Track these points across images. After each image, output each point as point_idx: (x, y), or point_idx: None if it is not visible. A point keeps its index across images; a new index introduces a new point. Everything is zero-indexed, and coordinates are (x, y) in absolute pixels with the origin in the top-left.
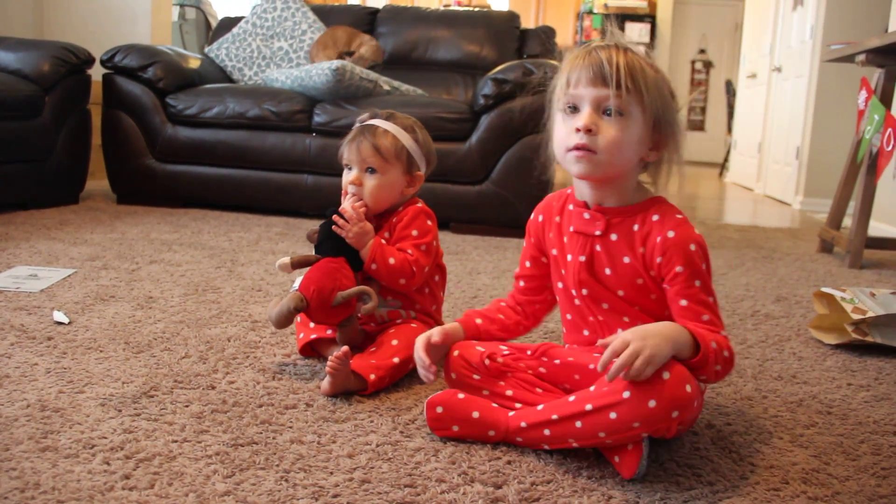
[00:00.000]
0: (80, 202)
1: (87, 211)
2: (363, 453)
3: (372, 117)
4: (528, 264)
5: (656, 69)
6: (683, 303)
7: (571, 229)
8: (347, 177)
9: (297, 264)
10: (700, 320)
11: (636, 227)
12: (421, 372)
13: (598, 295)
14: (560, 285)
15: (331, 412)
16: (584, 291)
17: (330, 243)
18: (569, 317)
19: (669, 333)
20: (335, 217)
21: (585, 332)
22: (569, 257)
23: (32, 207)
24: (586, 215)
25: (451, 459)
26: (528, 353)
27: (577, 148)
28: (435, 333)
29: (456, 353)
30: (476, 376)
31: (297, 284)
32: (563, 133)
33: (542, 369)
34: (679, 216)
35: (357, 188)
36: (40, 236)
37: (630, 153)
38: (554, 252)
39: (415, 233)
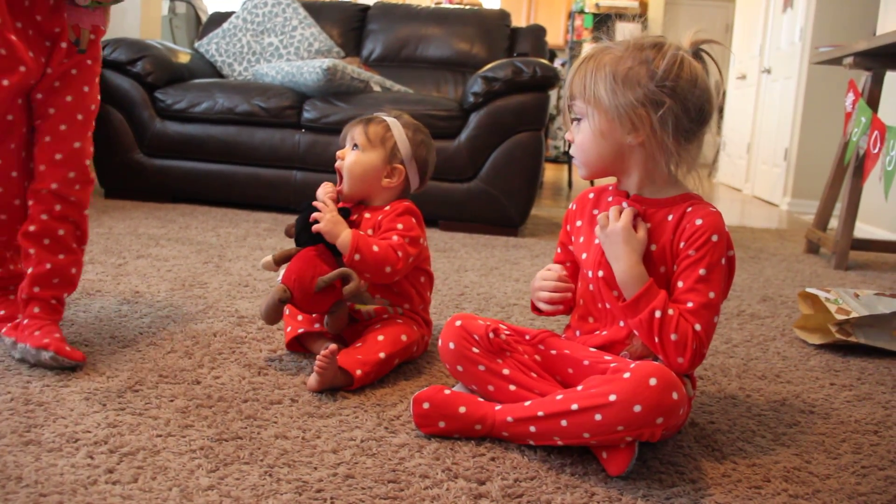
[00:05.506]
0: None
1: None
2: (347, 449)
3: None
4: (558, 250)
5: (634, 61)
6: (680, 284)
7: None
8: None
9: (279, 260)
10: (684, 304)
11: (670, 217)
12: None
13: (612, 280)
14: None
15: (316, 408)
16: (601, 273)
17: (307, 234)
18: (581, 302)
19: (634, 259)
20: (316, 203)
21: (591, 320)
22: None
23: None
24: (624, 204)
25: (435, 455)
26: (527, 337)
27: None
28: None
29: (458, 323)
30: (475, 349)
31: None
32: None
33: (537, 357)
34: (712, 209)
35: (340, 162)
36: None
37: (598, 148)
38: (581, 240)
39: (400, 226)
